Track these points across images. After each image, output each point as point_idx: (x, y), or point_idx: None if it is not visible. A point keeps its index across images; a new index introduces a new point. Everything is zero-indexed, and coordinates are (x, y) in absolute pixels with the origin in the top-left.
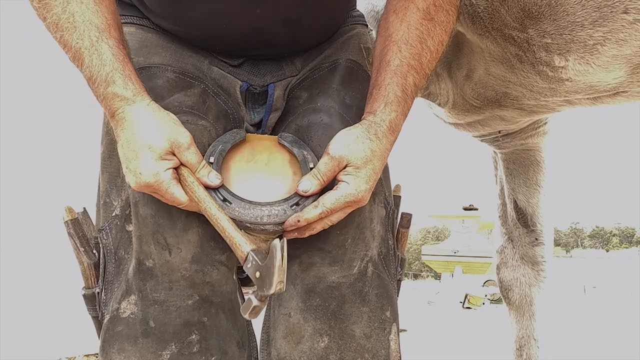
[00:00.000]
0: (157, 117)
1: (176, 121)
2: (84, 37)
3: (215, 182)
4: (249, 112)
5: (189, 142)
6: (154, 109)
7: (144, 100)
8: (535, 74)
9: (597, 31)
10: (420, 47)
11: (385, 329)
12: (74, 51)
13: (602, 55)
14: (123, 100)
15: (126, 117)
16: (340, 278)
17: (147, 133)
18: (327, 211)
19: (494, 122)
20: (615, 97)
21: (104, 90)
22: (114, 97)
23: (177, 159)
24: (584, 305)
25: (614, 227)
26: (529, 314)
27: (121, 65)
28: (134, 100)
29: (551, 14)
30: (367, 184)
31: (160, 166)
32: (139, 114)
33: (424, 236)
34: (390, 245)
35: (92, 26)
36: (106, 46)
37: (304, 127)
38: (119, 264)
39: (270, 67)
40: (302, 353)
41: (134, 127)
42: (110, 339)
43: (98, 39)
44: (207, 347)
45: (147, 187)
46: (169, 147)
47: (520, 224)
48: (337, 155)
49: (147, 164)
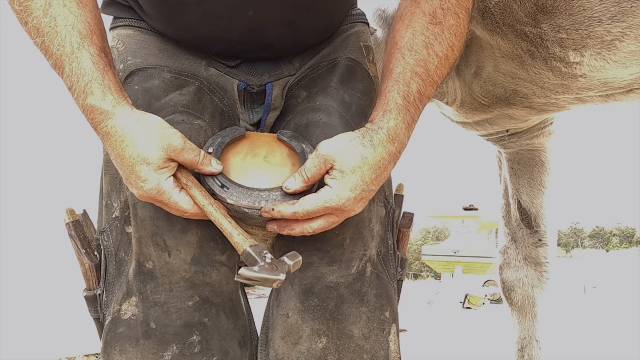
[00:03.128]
0: (142, 126)
1: (163, 123)
2: (65, 44)
3: (218, 168)
4: (248, 112)
5: (182, 141)
6: (137, 117)
7: (125, 109)
8: (547, 70)
9: (615, 26)
10: (426, 53)
11: (385, 329)
12: (54, 58)
13: (619, 51)
14: (103, 113)
15: (110, 132)
16: (338, 278)
17: (138, 146)
18: (304, 212)
19: (503, 120)
20: (628, 94)
21: (82, 102)
22: (92, 110)
23: (174, 164)
24: (584, 305)
25: (614, 227)
26: (531, 315)
27: (100, 74)
28: (114, 112)
29: (567, 9)
30: (351, 192)
31: (160, 177)
32: (124, 127)
33: (424, 236)
34: (390, 245)
35: (75, 31)
36: (87, 54)
37: (302, 125)
38: (119, 265)
39: (267, 66)
40: (300, 354)
41: (122, 143)
42: (112, 340)
43: (80, 45)
44: (208, 348)
45: (151, 199)
46: (164, 155)
47: (524, 225)
48: (324, 153)
49: (147, 177)
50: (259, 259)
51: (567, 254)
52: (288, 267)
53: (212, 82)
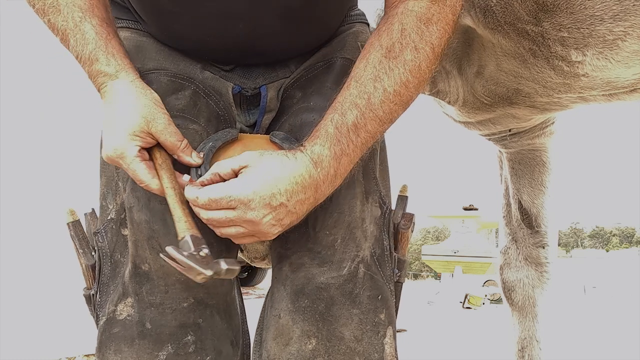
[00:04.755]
0: (137, 94)
1: (157, 102)
2: (68, 19)
3: (197, 161)
4: (244, 114)
5: (166, 123)
6: (137, 85)
7: (128, 76)
8: (549, 69)
9: (617, 25)
10: (372, 87)
11: (379, 331)
12: (60, 33)
13: (622, 51)
14: (106, 76)
15: (108, 91)
16: (329, 279)
17: (124, 109)
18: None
19: (506, 120)
20: (632, 94)
21: (89, 69)
22: (98, 74)
23: (151, 140)
24: (584, 305)
25: (614, 227)
26: (532, 315)
27: (104, 42)
28: (117, 76)
29: (568, 7)
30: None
31: (129, 143)
32: (120, 90)
33: (424, 236)
34: (386, 246)
35: (75, 7)
36: (89, 25)
37: (297, 126)
38: (114, 266)
39: (262, 70)
40: (290, 355)
41: (114, 102)
42: (107, 340)
43: (81, 19)
44: (202, 347)
45: (112, 161)
46: (143, 124)
47: (525, 225)
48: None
49: (117, 137)
50: (194, 248)
51: (567, 254)
52: (219, 268)
53: (208, 85)
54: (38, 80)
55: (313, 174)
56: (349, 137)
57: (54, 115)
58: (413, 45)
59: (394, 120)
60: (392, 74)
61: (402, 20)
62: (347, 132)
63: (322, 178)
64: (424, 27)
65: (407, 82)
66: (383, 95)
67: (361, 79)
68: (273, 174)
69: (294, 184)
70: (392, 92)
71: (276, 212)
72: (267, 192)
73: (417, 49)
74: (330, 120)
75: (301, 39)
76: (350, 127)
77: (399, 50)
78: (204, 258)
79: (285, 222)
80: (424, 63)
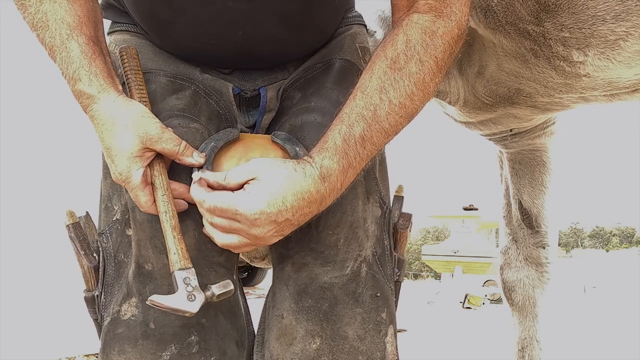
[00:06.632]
0: (122, 113)
1: (144, 112)
2: (55, 36)
3: (199, 160)
4: (243, 116)
5: (159, 131)
6: (119, 104)
7: (110, 96)
8: (551, 69)
9: (619, 26)
10: (378, 98)
11: (381, 330)
12: (48, 49)
13: (624, 51)
14: (89, 98)
15: (94, 115)
16: (332, 278)
17: (116, 133)
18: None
19: (507, 120)
20: (634, 94)
21: (72, 88)
22: (81, 95)
23: (151, 154)
24: (584, 305)
25: (614, 227)
26: (532, 316)
27: (88, 62)
28: (99, 98)
29: (569, 7)
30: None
31: (132, 166)
32: (105, 112)
33: (424, 236)
34: (386, 246)
35: (64, 24)
36: (75, 44)
37: (297, 126)
38: (118, 267)
39: (261, 72)
40: (294, 355)
41: (103, 127)
42: (111, 341)
43: (68, 36)
44: (206, 348)
45: (120, 183)
46: (140, 144)
47: (525, 225)
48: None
49: (119, 162)
50: (180, 286)
51: (567, 254)
52: (211, 295)
53: (208, 85)
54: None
55: (320, 189)
56: (355, 150)
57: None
58: (418, 57)
59: (398, 132)
60: (398, 86)
61: (407, 32)
62: (354, 144)
63: (329, 192)
64: (429, 40)
65: (412, 94)
66: (389, 107)
67: (367, 90)
68: (281, 192)
69: (301, 200)
70: (398, 104)
71: (280, 227)
72: (273, 210)
73: (421, 62)
74: (338, 131)
75: (299, 44)
76: (357, 139)
77: (404, 62)
78: (191, 292)
79: (286, 232)
80: (428, 76)
